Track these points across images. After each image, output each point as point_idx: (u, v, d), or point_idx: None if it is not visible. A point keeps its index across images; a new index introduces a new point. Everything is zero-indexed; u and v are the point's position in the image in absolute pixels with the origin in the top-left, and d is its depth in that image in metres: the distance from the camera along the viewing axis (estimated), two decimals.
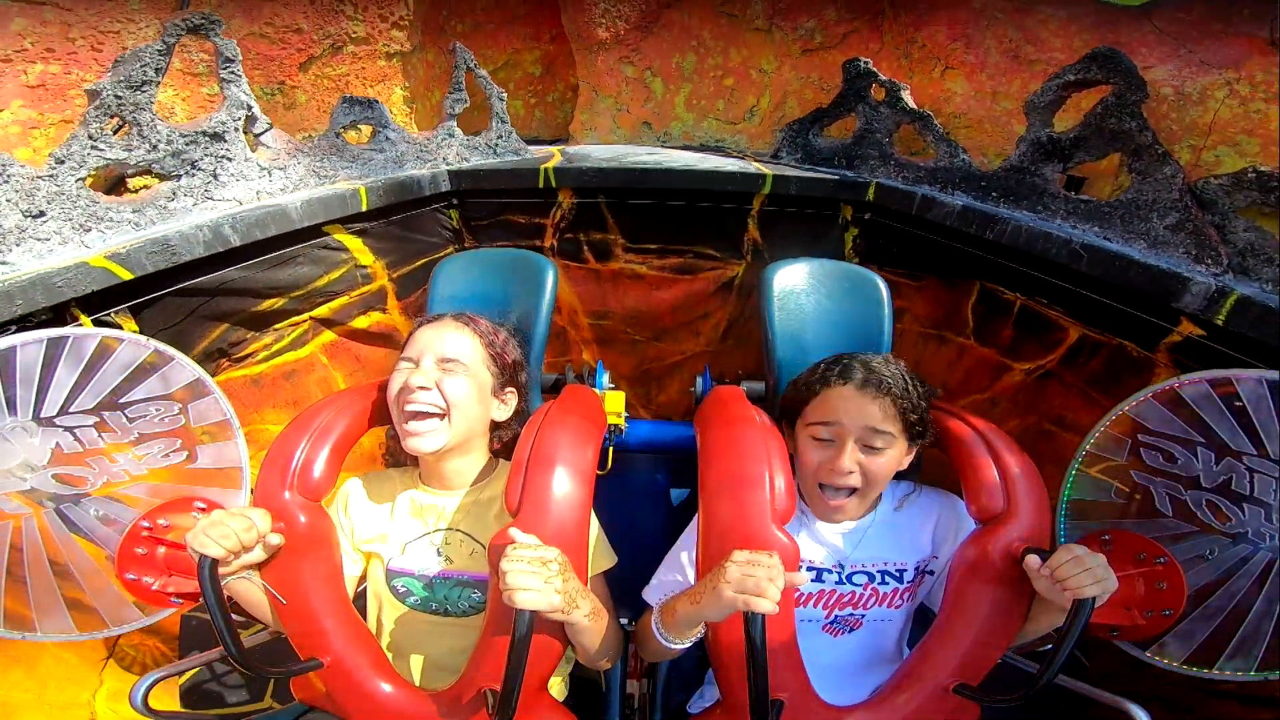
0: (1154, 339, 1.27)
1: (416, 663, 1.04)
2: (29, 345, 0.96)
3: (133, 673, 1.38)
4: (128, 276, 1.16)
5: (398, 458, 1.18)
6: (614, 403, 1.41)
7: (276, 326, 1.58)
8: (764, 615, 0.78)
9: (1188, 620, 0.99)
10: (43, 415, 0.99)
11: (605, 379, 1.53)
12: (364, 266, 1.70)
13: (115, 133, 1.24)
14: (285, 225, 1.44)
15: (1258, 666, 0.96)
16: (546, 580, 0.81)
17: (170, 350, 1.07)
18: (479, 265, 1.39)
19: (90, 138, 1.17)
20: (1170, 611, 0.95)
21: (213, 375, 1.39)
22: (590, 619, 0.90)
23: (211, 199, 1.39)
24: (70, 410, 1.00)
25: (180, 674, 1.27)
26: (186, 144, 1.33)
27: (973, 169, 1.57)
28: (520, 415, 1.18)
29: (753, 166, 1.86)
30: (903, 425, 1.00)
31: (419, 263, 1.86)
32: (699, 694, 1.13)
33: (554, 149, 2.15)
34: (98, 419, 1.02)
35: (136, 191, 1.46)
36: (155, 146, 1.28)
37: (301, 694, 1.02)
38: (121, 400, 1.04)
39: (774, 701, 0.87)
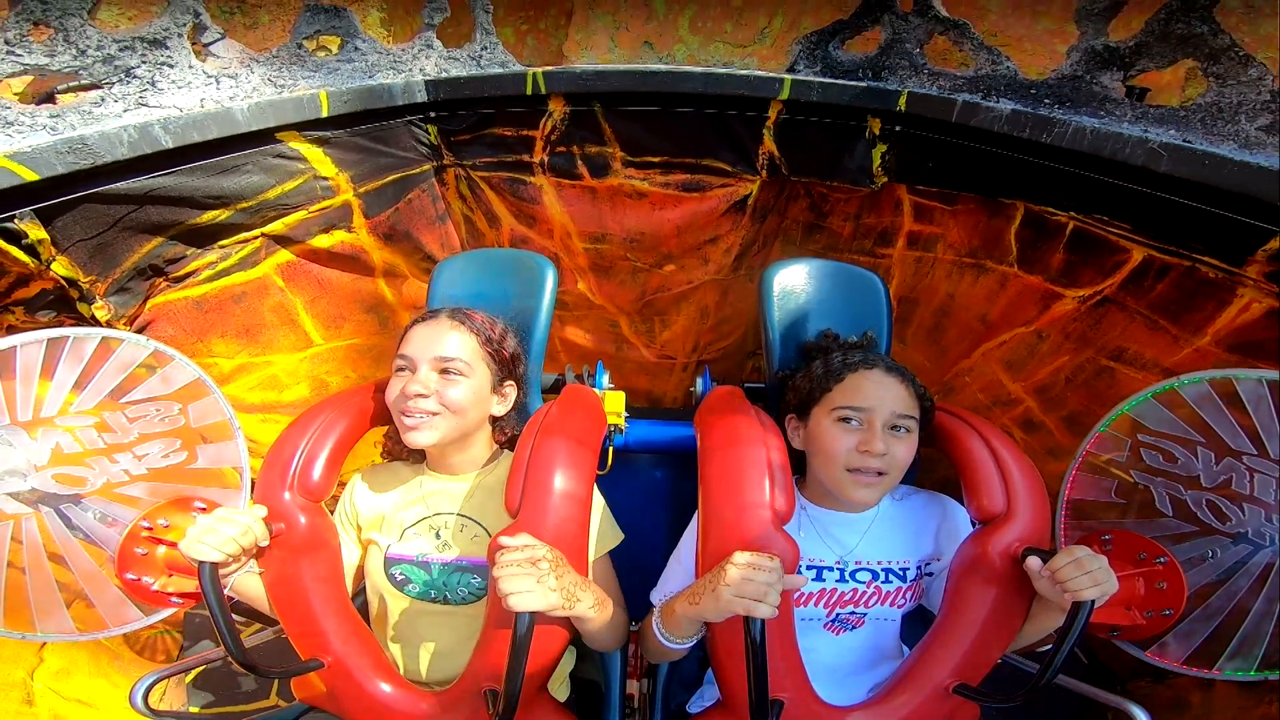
0: (1243, 252, 1.13)
1: (417, 654, 1.05)
2: (29, 345, 0.96)
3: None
4: (32, 178, 1.03)
5: (397, 454, 1.18)
6: (614, 403, 1.41)
7: (223, 243, 1.43)
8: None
9: (1188, 620, 0.99)
10: (43, 415, 0.99)
11: (605, 379, 1.53)
12: (325, 178, 1.52)
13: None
14: (230, 128, 1.27)
15: (1258, 666, 0.96)
16: (539, 580, 0.81)
17: (170, 350, 1.07)
18: (479, 265, 1.39)
19: (6, 43, 1.08)
20: (1170, 611, 0.95)
21: (148, 296, 1.32)
22: (595, 610, 0.90)
23: (146, 105, 1.23)
24: (70, 410, 1.00)
25: (179, 674, 1.27)
26: (121, 49, 1.19)
27: (1019, 76, 1.40)
28: (520, 409, 1.18)
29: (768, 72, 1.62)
30: (919, 412, 1.01)
31: (389, 178, 1.68)
32: (699, 694, 1.13)
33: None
34: (98, 419, 1.02)
35: None
36: (83, 52, 1.14)
37: (302, 694, 1.02)
38: (122, 400, 1.04)
39: (774, 701, 0.87)
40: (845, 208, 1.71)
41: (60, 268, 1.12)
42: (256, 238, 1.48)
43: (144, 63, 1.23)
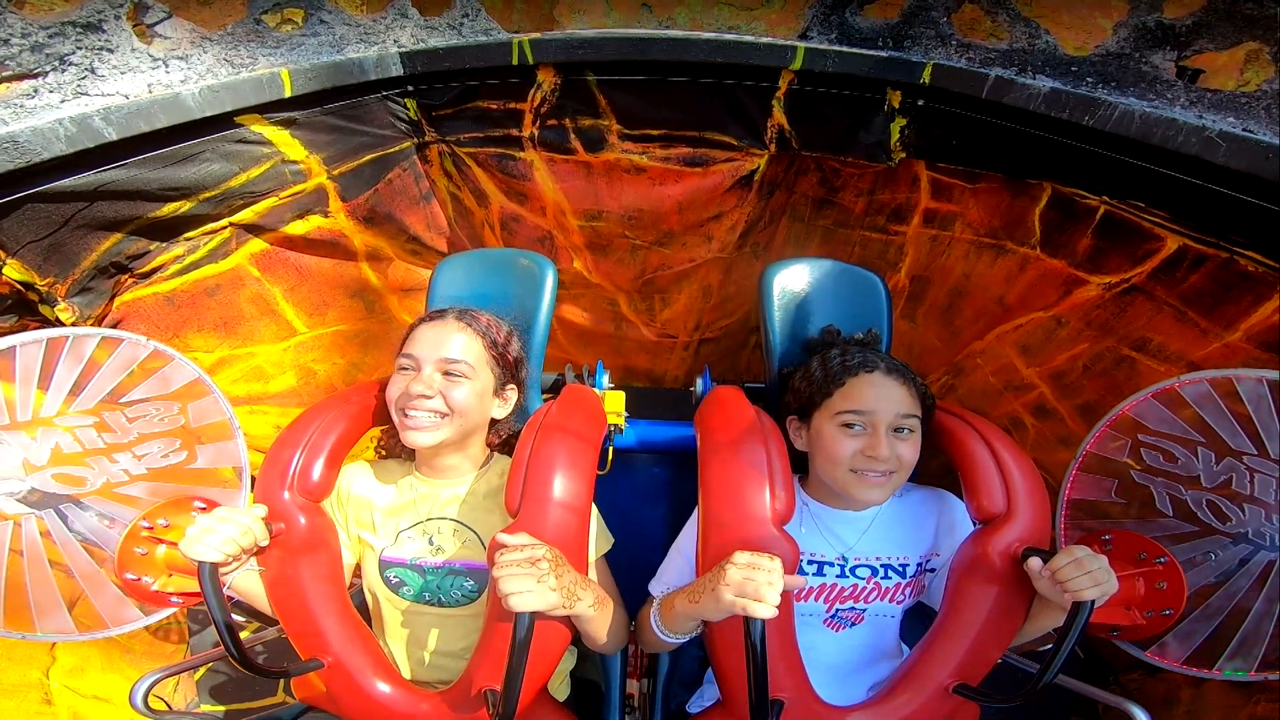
0: None
1: (414, 656, 1.05)
2: (29, 345, 0.96)
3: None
4: None
5: (393, 452, 1.18)
6: (614, 403, 1.41)
7: (188, 235, 1.36)
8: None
9: (1188, 620, 0.99)
10: (42, 415, 0.98)
11: (605, 379, 1.53)
12: (294, 162, 1.44)
13: None
14: (180, 115, 1.18)
15: (1257, 667, 0.96)
16: (540, 580, 0.81)
17: (170, 350, 1.07)
18: (479, 265, 1.39)
19: None
20: (1170, 611, 0.95)
21: (115, 294, 1.28)
22: (595, 608, 0.90)
23: (86, 95, 1.15)
24: (70, 410, 1.00)
25: (180, 673, 1.27)
26: (50, 36, 1.11)
27: (1058, 52, 1.30)
28: (519, 412, 1.18)
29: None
30: (921, 410, 1.01)
31: (366, 158, 1.58)
32: (699, 694, 1.13)
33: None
34: (97, 419, 1.02)
35: None
36: (6, 41, 1.07)
37: (302, 693, 1.03)
38: (121, 400, 1.03)
39: (774, 701, 0.88)
40: (858, 183, 1.65)
41: (13, 272, 1.08)
42: (225, 228, 1.42)
43: (79, 48, 1.14)
